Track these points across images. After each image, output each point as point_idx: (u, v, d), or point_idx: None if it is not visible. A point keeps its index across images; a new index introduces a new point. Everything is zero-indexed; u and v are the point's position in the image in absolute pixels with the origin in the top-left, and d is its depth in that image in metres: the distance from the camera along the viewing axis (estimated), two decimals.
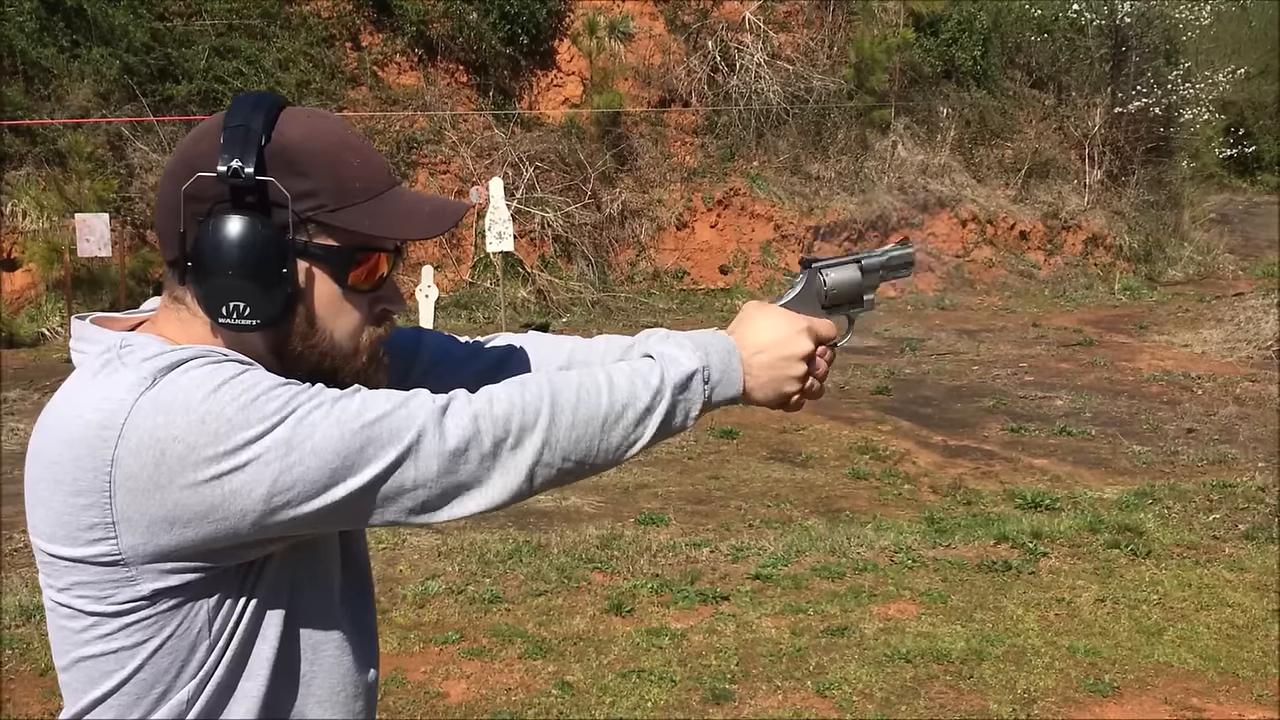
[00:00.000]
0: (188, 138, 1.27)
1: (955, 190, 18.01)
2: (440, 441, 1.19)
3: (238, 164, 1.19)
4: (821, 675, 4.46)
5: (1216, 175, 26.25)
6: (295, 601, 1.29)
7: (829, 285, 1.49)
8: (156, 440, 1.13)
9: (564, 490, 6.96)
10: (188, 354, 1.19)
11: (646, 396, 1.28)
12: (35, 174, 12.79)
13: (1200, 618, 5.11)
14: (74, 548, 1.18)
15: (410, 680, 4.35)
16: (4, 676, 4.34)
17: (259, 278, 1.21)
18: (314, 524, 1.20)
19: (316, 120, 1.28)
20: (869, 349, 12.53)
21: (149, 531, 1.16)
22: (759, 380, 1.38)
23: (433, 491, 1.20)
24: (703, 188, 16.48)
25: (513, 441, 1.22)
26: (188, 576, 1.19)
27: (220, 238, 1.20)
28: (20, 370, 10.36)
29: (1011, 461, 8.00)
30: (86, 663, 1.23)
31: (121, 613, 1.20)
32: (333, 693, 1.35)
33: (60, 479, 1.17)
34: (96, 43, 13.33)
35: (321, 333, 1.28)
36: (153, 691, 1.23)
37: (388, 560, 5.60)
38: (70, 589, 1.21)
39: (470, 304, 14.02)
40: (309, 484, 1.16)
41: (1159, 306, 16.11)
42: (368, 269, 1.29)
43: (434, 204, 1.33)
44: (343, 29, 15.14)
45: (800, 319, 1.41)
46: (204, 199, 1.22)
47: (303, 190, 1.23)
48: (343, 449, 1.16)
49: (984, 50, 18.81)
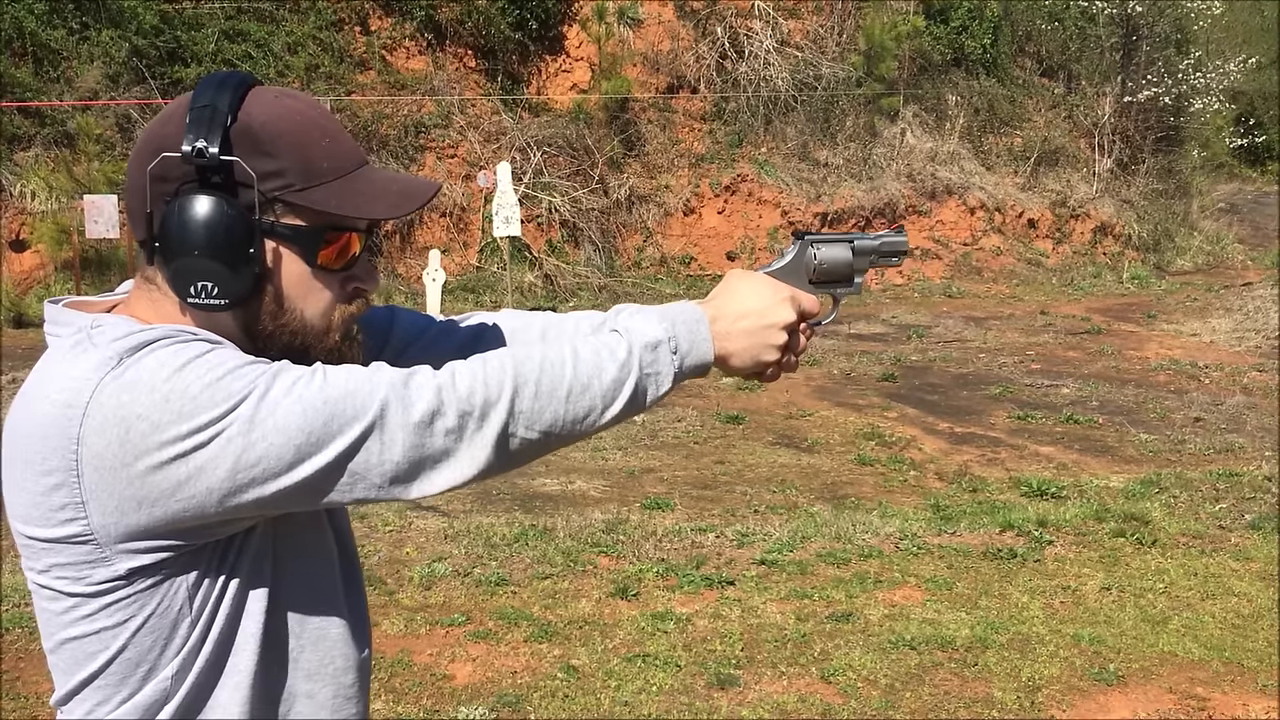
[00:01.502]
0: (155, 119, 1.27)
1: (964, 178, 17.97)
2: (405, 414, 1.19)
3: (203, 144, 1.19)
4: (826, 661, 4.47)
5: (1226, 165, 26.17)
6: (279, 577, 1.29)
7: (820, 260, 1.47)
8: (121, 419, 1.14)
9: (570, 475, 6.98)
10: (156, 334, 1.19)
11: (613, 368, 1.27)
12: (44, 155, 12.81)
13: (1205, 607, 5.12)
14: (47, 528, 1.19)
15: (417, 662, 4.37)
16: (13, 654, 4.37)
17: (226, 257, 1.21)
18: (284, 502, 1.19)
19: (285, 100, 1.28)
20: (875, 336, 12.52)
21: (118, 510, 1.16)
22: (738, 346, 1.37)
23: (400, 466, 1.20)
24: (710, 174, 16.46)
25: (479, 414, 1.21)
26: (161, 555, 1.19)
27: (187, 218, 1.20)
28: (30, 350, 10.39)
29: (1018, 449, 8.00)
30: (71, 644, 1.23)
31: (100, 593, 1.20)
32: (321, 666, 1.35)
33: (30, 459, 1.18)
34: (106, 25, 13.33)
35: (291, 312, 1.27)
36: (138, 670, 1.23)
37: (394, 542, 5.62)
38: (49, 570, 1.21)
39: (477, 288, 14.03)
40: (273, 460, 1.16)
41: (1167, 295, 16.08)
42: (338, 248, 1.29)
43: (402, 183, 1.32)
44: (351, 13, 15.13)
45: (784, 288, 1.40)
46: (170, 179, 1.22)
47: (269, 170, 1.23)
48: (306, 425, 1.16)
49: (994, 38, 18.75)
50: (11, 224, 12.61)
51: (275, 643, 1.30)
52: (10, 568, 5.17)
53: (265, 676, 1.29)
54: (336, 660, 1.36)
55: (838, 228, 16.93)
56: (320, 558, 1.36)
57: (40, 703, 3.99)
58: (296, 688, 1.33)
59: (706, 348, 1.34)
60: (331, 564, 1.39)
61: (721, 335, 1.35)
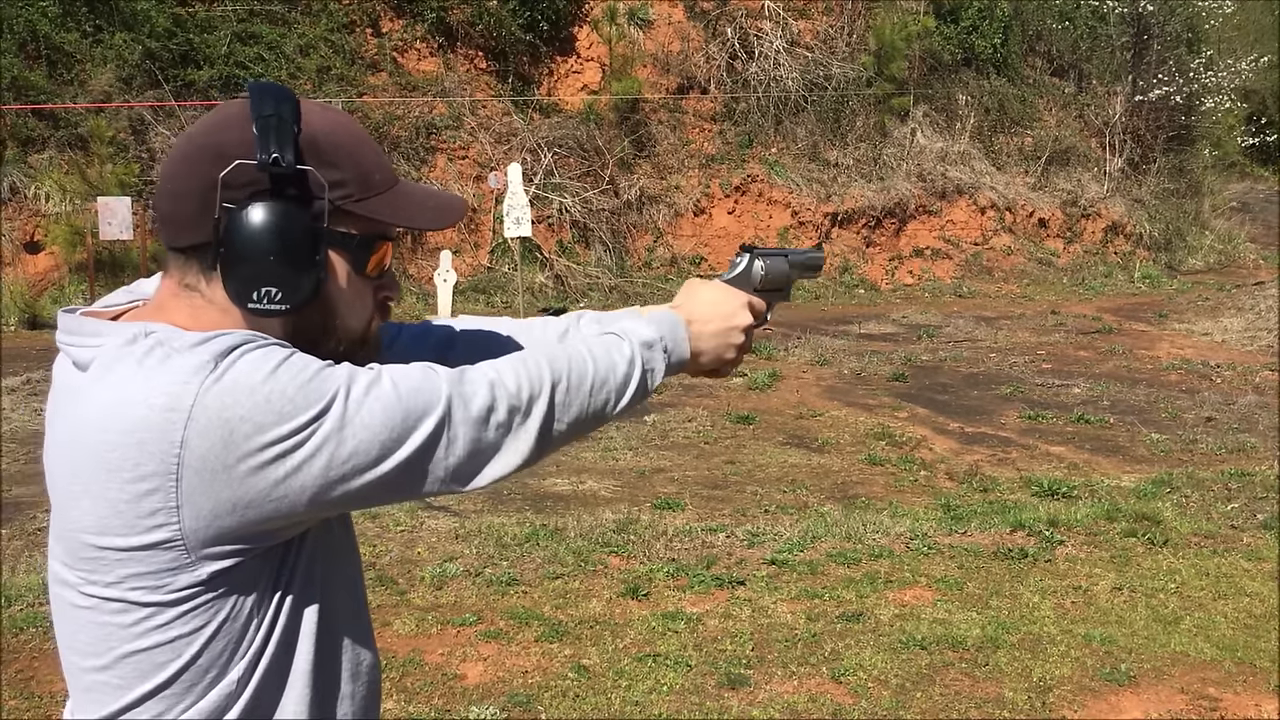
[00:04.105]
0: (207, 126, 1.28)
1: (974, 178, 17.95)
2: (465, 410, 1.26)
3: (279, 154, 1.23)
4: (837, 661, 4.47)
5: (1238, 164, 26.08)
6: (325, 577, 1.33)
7: (766, 272, 1.68)
8: (224, 420, 1.15)
9: (580, 475, 6.99)
10: (237, 338, 1.21)
11: (623, 364, 1.40)
12: (58, 158, 12.88)
13: (1217, 607, 5.11)
14: (129, 536, 1.18)
15: (428, 662, 4.39)
16: (26, 654, 4.40)
17: (296, 264, 1.25)
18: (364, 499, 1.23)
19: (332, 113, 1.33)
20: (886, 336, 12.51)
21: (212, 514, 1.17)
22: (706, 346, 1.53)
23: (462, 460, 1.26)
24: (721, 174, 16.46)
25: (525, 409, 1.30)
26: (239, 558, 1.21)
27: (263, 224, 1.23)
28: (45, 351, 10.44)
29: (1028, 449, 7.99)
30: (137, 656, 1.22)
31: (179, 600, 1.21)
32: (356, 664, 1.38)
33: (118, 466, 1.17)
34: (119, 28, 13.39)
35: (340, 318, 1.32)
36: (206, 676, 1.24)
37: (406, 543, 5.64)
38: (123, 582, 1.20)
39: (488, 289, 14.05)
40: (361, 457, 1.20)
41: (1179, 295, 16.03)
42: (379, 257, 1.34)
43: (437, 197, 1.41)
44: (363, 15, 15.17)
45: (742, 295, 1.58)
46: (237, 186, 1.24)
47: (333, 179, 1.27)
48: (388, 422, 1.21)
49: (1004, 38, 18.72)
50: (25, 226, 12.67)
51: (325, 642, 1.32)
52: (24, 568, 5.20)
53: (320, 676, 1.32)
54: (366, 659, 1.40)
55: (848, 228, 16.94)
56: (351, 559, 1.41)
57: (54, 703, 4.02)
58: (343, 688, 1.36)
59: (685, 347, 1.50)
60: (359, 565, 1.44)
61: (694, 336, 1.51)
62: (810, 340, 11.74)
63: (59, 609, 1.28)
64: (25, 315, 11.94)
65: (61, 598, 1.26)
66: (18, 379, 9.16)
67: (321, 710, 1.33)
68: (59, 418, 1.26)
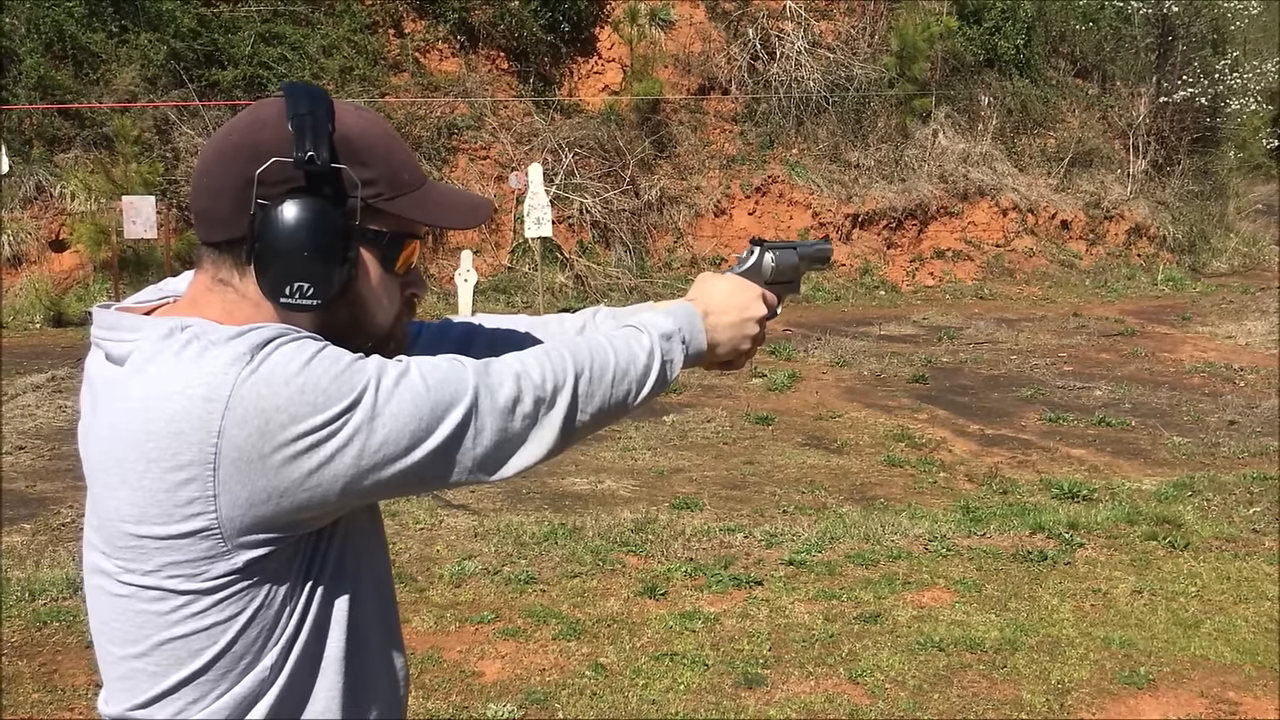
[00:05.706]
0: (243, 124, 1.31)
1: (996, 179, 17.87)
2: (492, 400, 1.28)
3: (314, 152, 1.26)
4: (854, 662, 4.48)
5: (1264, 166, 25.88)
6: (355, 564, 1.35)
7: (776, 264, 1.69)
8: (261, 410, 1.18)
9: (599, 474, 7.01)
10: (272, 331, 1.23)
11: (643, 356, 1.43)
12: (83, 157, 12.99)
13: (1238, 611, 5.08)
14: (168, 525, 1.21)
15: (446, 659, 4.41)
16: (50, 648, 4.45)
17: (330, 260, 1.28)
18: (395, 488, 1.26)
19: (365, 113, 1.36)
20: (906, 337, 12.48)
21: (248, 503, 1.20)
22: (723, 337, 1.55)
23: (489, 450, 1.29)
24: (741, 175, 16.46)
25: (549, 400, 1.33)
26: (275, 546, 1.24)
27: (299, 221, 1.26)
28: (70, 349, 10.54)
29: (1049, 451, 7.96)
30: (173, 644, 1.25)
31: (216, 588, 1.23)
32: (384, 652, 1.41)
33: (156, 456, 1.20)
34: (144, 28, 13.50)
35: (369, 313, 1.34)
36: (240, 663, 1.26)
37: (425, 540, 5.67)
38: (160, 570, 1.23)
39: (509, 289, 14.09)
40: (392, 447, 1.23)
41: (1202, 298, 15.93)
42: (407, 255, 1.37)
43: (464, 197, 1.44)
44: (386, 16, 15.24)
45: (755, 287, 1.61)
46: (273, 183, 1.26)
47: (366, 178, 1.30)
48: (418, 412, 1.24)
49: (1027, 39, 18.64)
50: (51, 224, 12.79)
51: (356, 629, 1.35)
52: (49, 563, 5.25)
53: (352, 664, 1.34)
54: (394, 646, 1.43)
55: (869, 229, 16.91)
56: (378, 547, 1.44)
57: (78, 696, 4.06)
58: (373, 675, 1.38)
59: (702, 338, 1.52)
60: (386, 552, 1.47)
61: (711, 328, 1.54)
62: (830, 341, 11.72)
63: (95, 598, 1.30)
64: (50, 313, 12.05)
65: (99, 587, 1.29)
66: (43, 375, 9.24)
67: (354, 697, 1.35)
68: (98, 410, 1.28)
